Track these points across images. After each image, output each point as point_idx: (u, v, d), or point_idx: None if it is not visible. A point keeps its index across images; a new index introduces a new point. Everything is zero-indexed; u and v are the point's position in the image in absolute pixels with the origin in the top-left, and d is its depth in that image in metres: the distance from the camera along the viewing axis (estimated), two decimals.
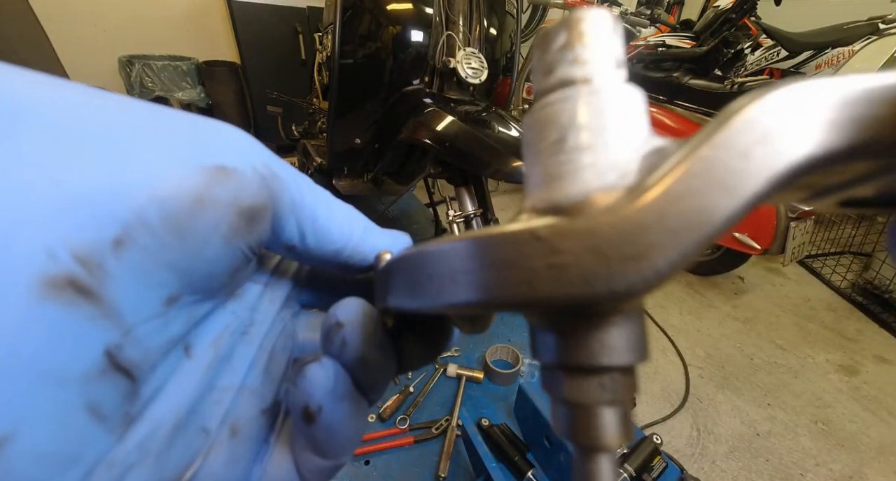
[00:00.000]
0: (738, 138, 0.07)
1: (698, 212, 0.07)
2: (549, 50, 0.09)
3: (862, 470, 1.09)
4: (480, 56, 1.12)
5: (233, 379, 0.13)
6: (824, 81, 0.07)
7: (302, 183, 0.13)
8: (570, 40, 0.09)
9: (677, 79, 1.72)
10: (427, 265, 0.10)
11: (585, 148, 0.08)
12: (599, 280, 0.07)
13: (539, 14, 2.78)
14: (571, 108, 0.08)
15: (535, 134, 0.09)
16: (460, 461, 0.80)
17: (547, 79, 0.09)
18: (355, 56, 1.13)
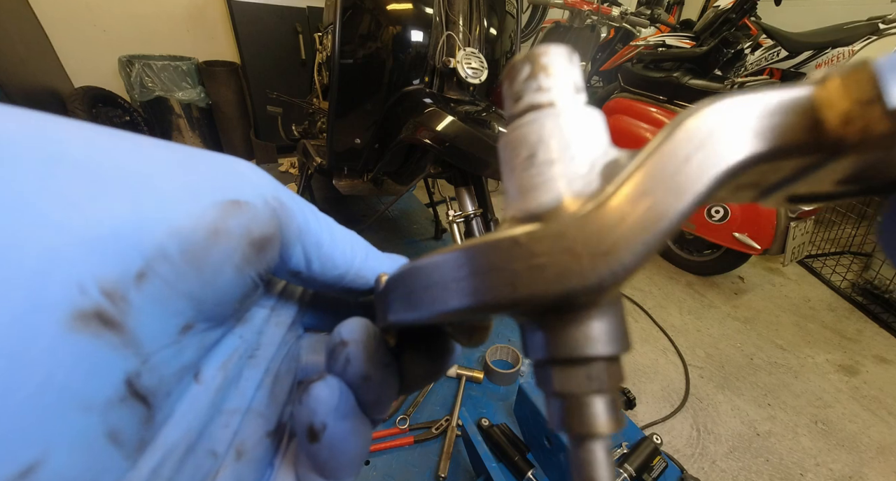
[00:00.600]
0: (680, 147, 0.08)
1: (654, 211, 0.08)
2: (515, 80, 0.10)
3: (862, 470, 1.09)
4: (480, 56, 1.12)
5: (240, 401, 0.13)
6: (748, 96, 0.08)
7: (308, 211, 0.14)
8: (534, 71, 0.10)
9: (677, 79, 1.72)
10: (421, 277, 0.11)
11: (553, 161, 0.09)
12: (574, 276, 0.08)
13: (539, 14, 2.78)
14: (539, 129, 0.10)
15: (509, 153, 0.10)
16: (460, 461, 0.80)
17: (516, 105, 0.10)
18: (355, 56, 1.13)
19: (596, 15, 2.19)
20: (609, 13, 2.11)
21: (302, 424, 0.13)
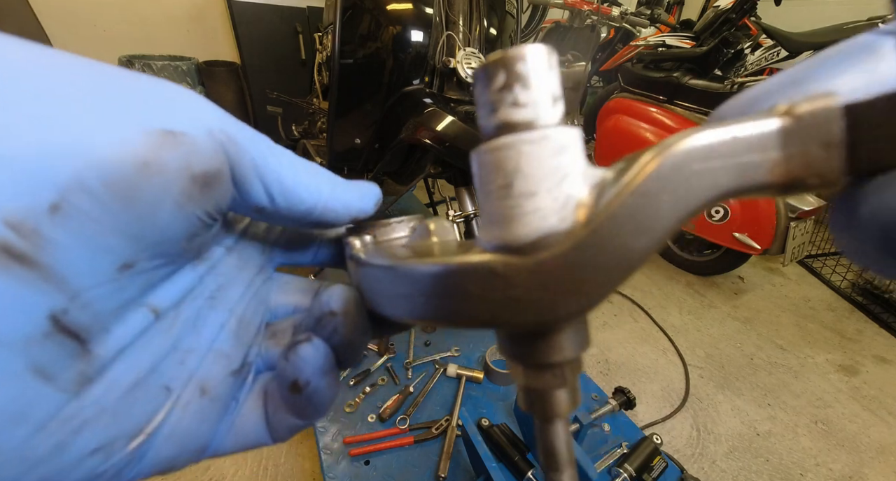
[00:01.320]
0: (647, 188, 0.08)
1: (622, 251, 0.09)
2: (489, 88, 0.10)
3: (862, 470, 1.09)
4: (480, 56, 1.12)
5: (199, 341, 0.14)
6: (717, 132, 0.09)
7: (263, 144, 0.13)
8: (510, 82, 0.09)
9: (677, 79, 1.72)
10: (399, 284, 0.11)
11: (530, 194, 0.09)
12: (546, 310, 0.09)
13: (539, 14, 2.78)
14: (516, 156, 0.09)
15: (485, 175, 0.10)
16: (460, 461, 0.80)
17: (490, 118, 0.10)
18: (355, 56, 1.13)
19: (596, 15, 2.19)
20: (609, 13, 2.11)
21: (286, 378, 0.14)
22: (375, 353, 1.03)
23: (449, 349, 1.05)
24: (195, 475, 0.96)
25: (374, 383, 0.95)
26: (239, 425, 0.15)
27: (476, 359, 1.04)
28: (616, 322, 1.55)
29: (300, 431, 0.15)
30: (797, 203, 1.49)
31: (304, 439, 1.05)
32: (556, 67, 0.10)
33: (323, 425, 0.85)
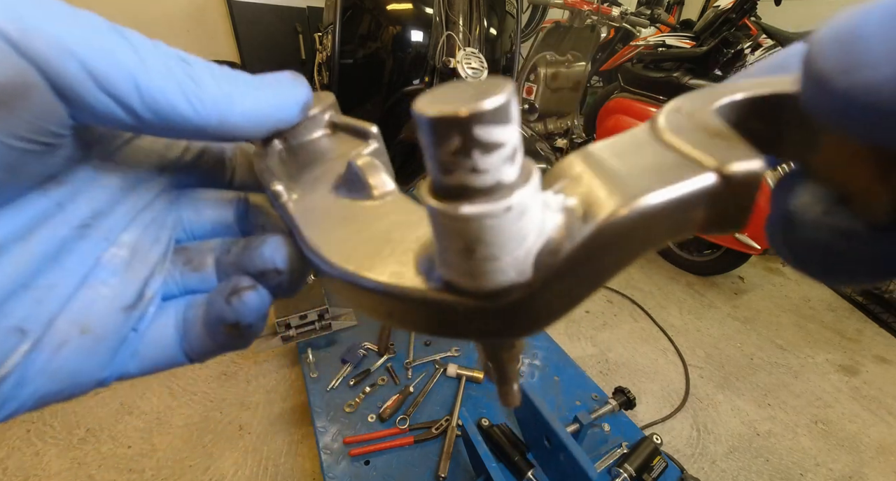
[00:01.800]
0: (594, 245, 0.09)
1: (570, 297, 0.10)
2: (440, 148, 0.08)
3: (862, 470, 1.09)
4: (480, 56, 1.12)
5: (64, 277, 0.12)
6: (657, 195, 0.09)
7: (107, 39, 0.10)
8: (466, 146, 0.08)
9: (677, 79, 1.72)
10: (363, 298, 0.12)
11: (491, 259, 0.09)
12: (495, 334, 0.11)
13: (539, 14, 2.78)
14: (477, 229, 0.09)
15: (442, 234, 0.09)
16: (460, 461, 0.80)
17: (443, 178, 0.09)
18: (355, 56, 1.13)
19: (596, 15, 2.18)
20: (609, 13, 2.11)
21: (225, 319, 0.14)
22: (375, 353, 1.03)
23: (449, 349, 1.05)
24: (195, 475, 0.96)
25: (374, 383, 0.95)
26: (145, 351, 0.14)
27: (476, 359, 1.04)
28: (616, 322, 1.55)
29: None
30: None
31: (304, 439, 1.05)
32: (518, 114, 0.08)
33: (323, 425, 0.85)
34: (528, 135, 1.01)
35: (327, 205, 0.14)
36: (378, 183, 0.14)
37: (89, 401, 1.12)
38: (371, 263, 0.11)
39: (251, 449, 1.02)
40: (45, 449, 1.00)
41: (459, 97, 0.08)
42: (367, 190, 0.14)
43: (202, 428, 1.07)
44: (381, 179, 0.14)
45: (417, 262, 0.11)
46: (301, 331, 1.00)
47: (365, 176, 0.14)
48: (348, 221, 0.13)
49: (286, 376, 1.22)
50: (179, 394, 1.15)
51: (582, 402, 0.93)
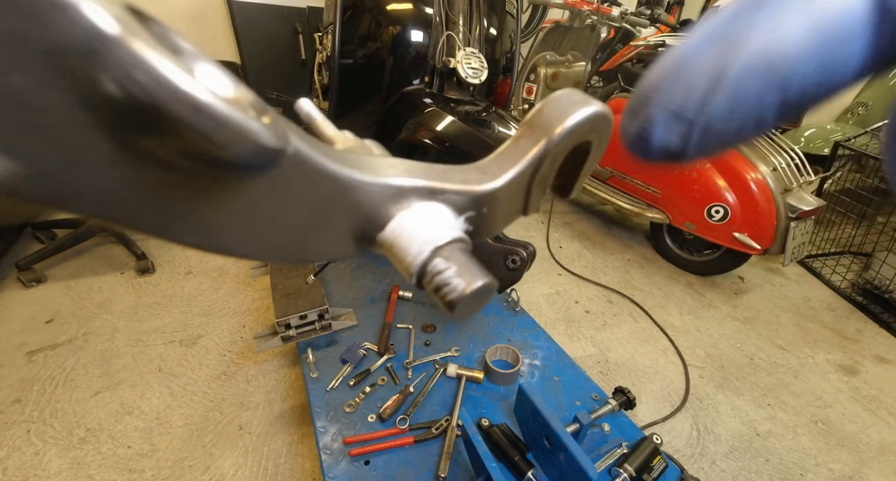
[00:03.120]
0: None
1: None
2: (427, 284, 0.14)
3: (862, 470, 1.09)
4: (480, 56, 1.12)
5: None
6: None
7: None
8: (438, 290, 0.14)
9: None
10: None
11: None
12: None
13: (539, 14, 2.78)
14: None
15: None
16: (460, 461, 0.80)
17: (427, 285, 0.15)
18: (355, 56, 1.13)
19: (596, 15, 2.18)
20: (609, 13, 2.11)
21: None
22: (375, 353, 1.03)
23: (449, 349, 1.05)
24: (195, 475, 0.96)
25: (374, 383, 0.95)
26: None
27: (476, 359, 1.04)
28: (616, 322, 1.55)
29: None
30: (797, 203, 1.49)
31: (304, 439, 1.05)
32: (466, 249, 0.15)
33: (323, 425, 0.85)
34: None
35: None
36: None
37: (89, 401, 1.12)
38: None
39: (251, 449, 1.02)
40: (45, 449, 1.00)
41: None
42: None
43: (202, 428, 1.07)
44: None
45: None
46: (301, 331, 1.00)
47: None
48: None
49: (286, 376, 1.22)
50: (179, 394, 1.15)
51: (582, 402, 0.93)
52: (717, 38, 0.08)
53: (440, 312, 1.18)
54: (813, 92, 0.08)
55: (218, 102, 0.08)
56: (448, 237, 0.14)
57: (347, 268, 1.35)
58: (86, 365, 1.22)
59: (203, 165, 0.09)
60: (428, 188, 0.15)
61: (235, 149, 0.09)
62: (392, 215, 0.14)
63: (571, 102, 0.16)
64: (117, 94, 0.08)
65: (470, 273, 0.13)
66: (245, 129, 0.09)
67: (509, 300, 1.23)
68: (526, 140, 0.16)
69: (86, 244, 1.72)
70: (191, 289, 1.55)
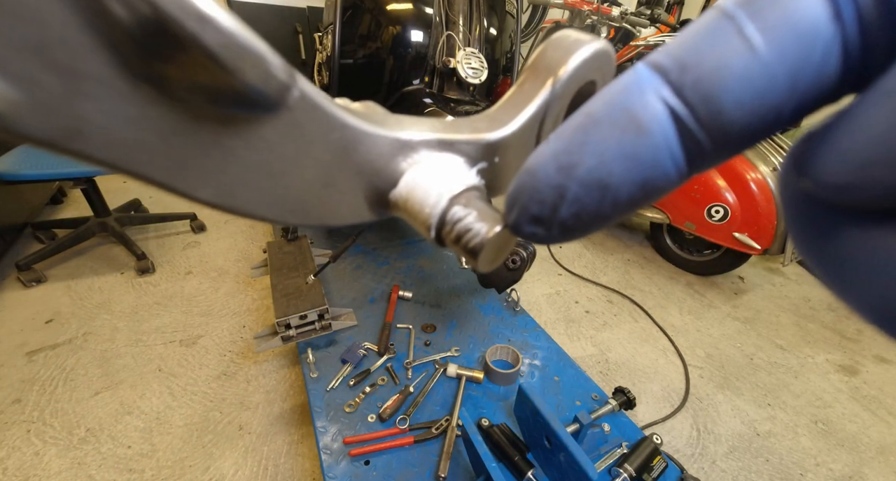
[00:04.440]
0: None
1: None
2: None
3: (862, 470, 1.09)
4: (480, 56, 1.12)
5: None
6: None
7: None
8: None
9: None
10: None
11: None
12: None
13: (539, 14, 2.78)
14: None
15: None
16: (460, 461, 0.80)
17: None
18: (355, 56, 1.13)
19: (596, 15, 2.18)
20: (609, 13, 2.11)
21: None
22: (375, 353, 1.03)
23: (449, 349, 1.05)
24: (195, 475, 0.96)
25: (374, 383, 0.95)
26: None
27: (476, 359, 1.04)
28: (616, 322, 1.55)
29: None
30: None
31: (304, 439, 1.05)
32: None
33: (323, 425, 0.85)
34: None
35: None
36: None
37: (89, 401, 1.12)
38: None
39: (251, 449, 1.02)
40: (45, 449, 1.00)
41: None
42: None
43: (202, 428, 1.07)
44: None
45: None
46: (301, 331, 1.00)
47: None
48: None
49: (286, 376, 1.22)
50: (179, 394, 1.15)
51: (582, 402, 0.93)
52: (561, 156, 0.10)
53: (439, 312, 1.18)
54: (642, 199, 0.10)
55: (232, 23, 0.08)
56: (464, 184, 0.14)
57: (347, 268, 1.35)
58: (86, 366, 1.22)
59: (212, 100, 0.09)
60: (437, 140, 0.14)
61: (247, 75, 0.08)
62: (403, 170, 0.14)
63: (573, 41, 0.15)
64: (125, 8, 0.07)
65: (492, 216, 0.13)
66: (257, 53, 0.08)
67: (509, 300, 1.23)
68: (531, 84, 0.16)
69: (86, 244, 1.72)
70: (191, 289, 1.55)
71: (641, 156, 0.09)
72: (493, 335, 1.12)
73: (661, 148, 0.09)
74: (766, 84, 0.08)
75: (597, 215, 0.10)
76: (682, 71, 0.09)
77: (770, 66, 0.08)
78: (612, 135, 0.10)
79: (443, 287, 1.28)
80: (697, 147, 0.09)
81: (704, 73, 0.09)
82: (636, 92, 0.09)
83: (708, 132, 0.09)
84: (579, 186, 0.10)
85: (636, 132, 0.09)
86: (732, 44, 0.08)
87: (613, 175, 0.10)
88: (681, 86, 0.09)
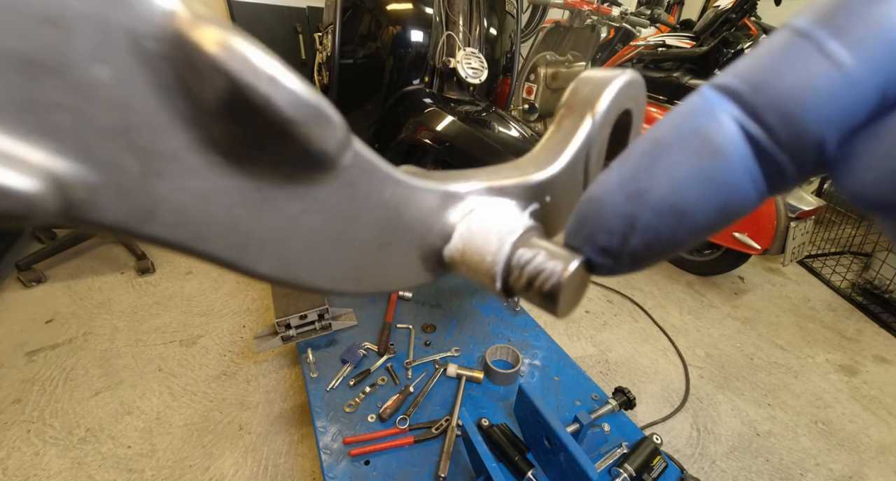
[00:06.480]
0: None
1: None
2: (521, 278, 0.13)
3: (862, 470, 1.09)
4: (480, 56, 1.12)
5: None
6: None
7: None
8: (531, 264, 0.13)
9: (677, 79, 1.72)
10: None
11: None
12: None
13: (539, 14, 2.78)
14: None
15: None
16: (460, 461, 0.80)
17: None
18: (355, 56, 1.13)
19: (596, 15, 2.18)
20: (609, 13, 2.11)
21: None
22: (375, 353, 1.03)
23: (449, 349, 1.05)
24: (195, 475, 0.96)
25: (374, 383, 0.95)
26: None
27: (476, 359, 1.04)
28: (616, 322, 1.55)
29: None
30: (797, 203, 1.49)
31: (304, 439, 1.05)
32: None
33: (323, 425, 0.85)
34: (528, 135, 1.01)
35: None
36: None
37: (89, 401, 1.12)
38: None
39: (251, 449, 1.02)
40: (45, 449, 1.00)
41: None
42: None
43: (202, 428, 1.07)
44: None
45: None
46: (301, 331, 1.00)
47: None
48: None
49: (286, 376, 1.22)
50: (179, 394, 1.15)
51: (582, 402, 0.93)
52: (628, 184, 0.10)
53: (439, 312, 1.18)
54: (720, 223, 0.10)
55: (299, 83, 0.08)
56: (523, 226, 0.13)
57: None
58: (86, 366, 1.22)
59: (277, 162, 0.09)
60: (486, 188, 0.14)
61: (312, 132, 0.08)
62: (456, 223, 0.14)
63: (603, 76, 0.16)
64: (205, 84, 0.07)
65: (563, 254, 0.12)
66: (323, 111, 0.08)
67: (509, 300, 1.23)
68: (570, 120, 0.16)
69: (86, 244, 1.72)
70: (191, 289, 1.55)
71: (720, 180, 0.09)
72: (493, 335, 1.12)
73: (741, 170, 0.09)
74: (854, 98, 0.08)
75: (672, 243, 0.10)
76: (756, 92, 0.09)
77: (859, 80, 0.08)
78: (685, 160, 0.09)
79: (443, 287, 1.28)
80: (777, 168, 0.09)
81: (783, 92, 0.08)
82: (706, 114, 0.09)
83: (789, 152, 0.09)
84: (652, 214, 0.10)
85: (712, 155, 0.09)
86: (814, 61, 0.08)
87: (689, 200, 0.09)
88: (755, 107, 0.09)
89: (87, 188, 0.07)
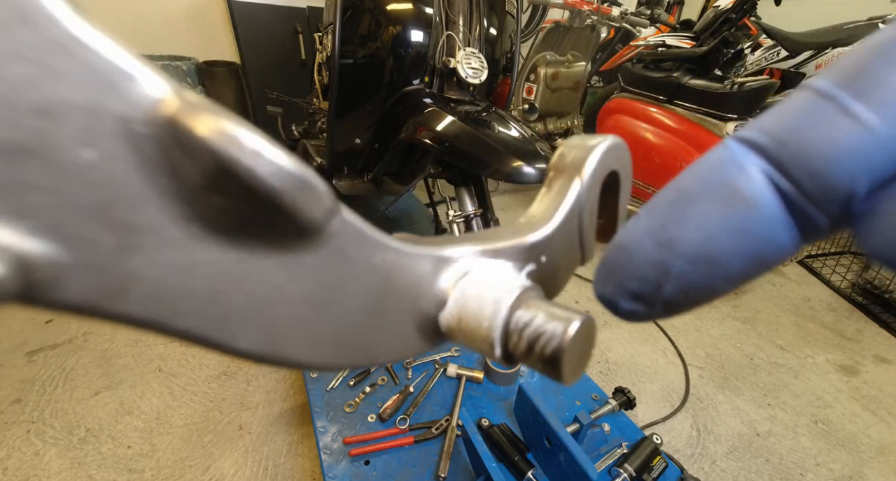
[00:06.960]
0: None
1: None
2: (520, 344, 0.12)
3: (862, 470, 1.09)
4: (480, 56, 1.12)
5: None
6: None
7: None
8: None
9: (677, 79, 1.72)
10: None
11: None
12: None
13: (539, 14, 2.78)
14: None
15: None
16: (460, 461, 0.79)
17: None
18: (355, 56, 1.13)
19: (596, 15, 2.19)
20: (609, 13, 2.11)
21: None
22: None
23: (449, 349, 1.05)
24: (195, 475, 0.96)
25: (374, 383, 0.95)
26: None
27: (476, 359, 1.04)
28: (616, 322, 1.55)
29: None
30: None
31: (304, 439, 1.05)
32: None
33: (323, 425, 0.85)
34: (528, 135, 1.01)
35: None
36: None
37: (89, 401, 1.12)
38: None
39: (251, 449, 1.02)
40: (45, 449, 1.00)
41: None
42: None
43: (202, 428, 1.07)
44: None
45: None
46: None
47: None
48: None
49: (286, 376, 1.22)
50: (179, 394, 1.15)
51: (582, 402, 0.93)
52: (658, 232, 0.10)
53: None
54: (756, 271, 0.10)
55: (281, 154, 0.08)
56: (520, 287, 0.12)
57: None
58: (86, 366, 1.22)
59: (262, 231, 0.09)
60: (480, 251, 0.14)
61: (298, 201, 0.08)
62: (450, 288, 0.13)
63: (587, 140, 0.17)
64: (191, 162, 0.07)
65: (562, 313, 0.11)
66: (307, 181, 0.08)
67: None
68: (560, 182, 0.17)
69: None
70: None
71: (752, 230, 0.09)
72: None
73: (773, 221, 0.09)
74: (882, 156, 0.08)
75: (707, 290, 0.10)
76: (781, 147, 0.09)
77: (887, 139, 0.08)
78: (715, 210, 0.09)
79: None
80: (808, 220, 0.09)
81: (809, 148, 0.09)
82: (733, 166, 0.09)
83: (817, 205, 0.09)
84: (685, 262, 0.10)
85: (743, 206, 0.09)
86: (838, 122, 0.08)
87: (723, 249, 0.09)
88: (781, 162, 0.09)
89: (55, 267, 0.07)
